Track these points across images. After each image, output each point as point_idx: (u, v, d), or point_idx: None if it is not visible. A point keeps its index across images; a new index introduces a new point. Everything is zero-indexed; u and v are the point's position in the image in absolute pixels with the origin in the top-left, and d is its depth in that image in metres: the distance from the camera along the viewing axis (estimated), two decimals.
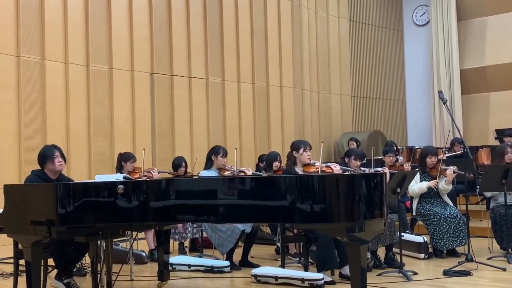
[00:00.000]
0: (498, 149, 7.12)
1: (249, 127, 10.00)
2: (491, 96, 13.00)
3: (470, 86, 13.12)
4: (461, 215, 6.48)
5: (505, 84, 12.62)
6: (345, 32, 12.68)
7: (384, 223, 4.10)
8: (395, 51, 14.14)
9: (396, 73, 14.13)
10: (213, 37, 9.52)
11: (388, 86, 13.83)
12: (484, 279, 5.40)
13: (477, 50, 13.11)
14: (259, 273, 5.53)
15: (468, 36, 13.28)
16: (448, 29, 13.20)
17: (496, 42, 12.80)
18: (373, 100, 13.39)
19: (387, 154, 7.46)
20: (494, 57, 12.79)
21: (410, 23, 14.31)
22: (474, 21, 13.26)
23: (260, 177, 5.55)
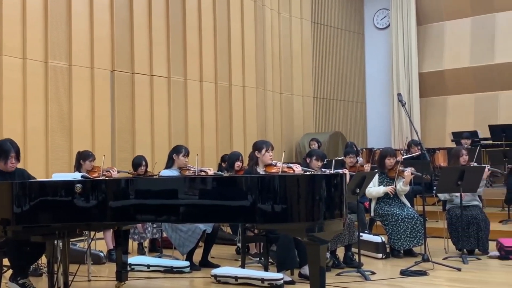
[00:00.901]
0: (453, 151, 7.30)
1: (211, 127, 9.96)
2: (448, 99, 13.31)
3: (428, 89, 13.40)
4: (418, 215, 6.61)
5: (462, 88, 12.94)
6: (307, 34, 12.78)
7: (343, 223, 4.14)
8: (356, 54, 14.33)
9: (357, 75, 14.32)
10: (175, 36, 9.45)
11: (349, 88, 14.00)
12: (439, 279, 5.52)
13: (435, 54, 13.40)
14: (219, 273, 5.52)
15: (427, 40, 13.56)
16: (407, 33, 13.45)
17: (454, 46, 13.11)
18: (334, 101, 13.53)
19: (348, 155, 7.55)
20: (451, 61, 13.10)
21: (371, 26, 14.52)
22: (433, 26, 13.55)
23: (221, 177, 5.53)
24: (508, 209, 8.50)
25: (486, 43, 12.65)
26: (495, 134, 10.47)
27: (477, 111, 12.76)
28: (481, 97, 12.73)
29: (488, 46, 12.62)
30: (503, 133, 10.07)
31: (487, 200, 8.75)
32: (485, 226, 6.58)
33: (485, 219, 6.64)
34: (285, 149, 11.63)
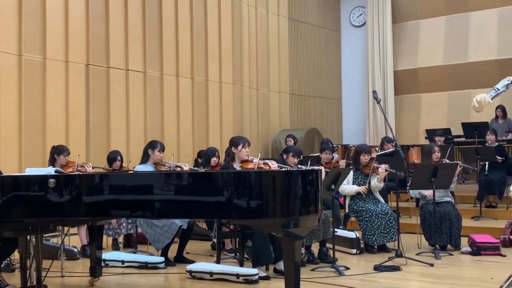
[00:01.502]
0: (426, 148, 7.41)
1: (188, 122, 9.92)
2: (422, 97, 13.46)
3: (403, 87, 13.54)
4: (392, 211, 6.70)
5: (436, 86, 13.10)
6: (284, 30, 12.80)
7: (318, 219, 4.18)
8: (332, 51, 14.40)
9: (333, 72, 14.40)
10: (151, 30, 9.38)
11: (325, 85, 14.07)
12: (412, 274, 5.60)
13: (410, 52, 13.53)
14: (194, 269, 5.52)
15: (402, 38, 13.69)
16: (383, 31, 13.56)
17: (428, 45, 13.26)
18: (311, 98, 13.59)
19: (324, 151, 7.60)
20: (425, 59, 13.25)
21: (347, 24, 14.60)
22: (408, 24, 13.68)
23: (197, 173, 5.53)
24: (480, 205, 8.65)
25: (460, 42, 12.82)
26: (468, 131, 10.62)
27: (451, 109, 12.93)
28: (455, 95, 12.91)
29: (461, 44, 12.79)
30: (475, 131, 10.21)
31: (459, 197, 8.90)
32: (457, 222, 6.70)
33: (458, 215, 6.76)
34: (261, 145, 11.64)
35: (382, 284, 5.15)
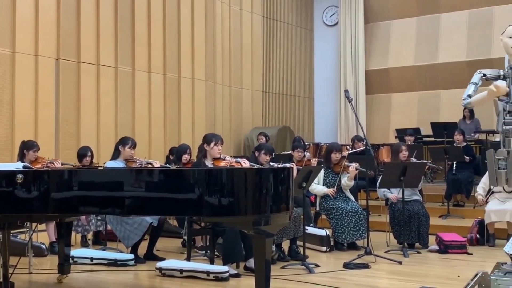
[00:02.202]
0: (394, 147, 7.52)
1: (159, 119, 9.86)
2: (393, 97, 13.62)
3: (374, 87, 13.68)
4: (362, 210, 6.77)
5: (406, 86, 13.27)
6: (258, 28, 12.81)
7: (289, 216, 4.20)
8: (305, 50, 14.46)
9: (306, 71, 14.46)
10: (123, 25, 9.29)
11: (298, 83, 14.13)
12: (381, 271, 5.67)
13: (381, 52, 13.68)
14: (164, 266, 5.49)
15: (374, 38, 13.83)
16: (355, 30, 13.67)
17: (399, 45, 13.42)
18: (283, 96, 13.63)
19: (296, 149, 7.63)
20: (396, 59, 13.40)
21: (320, 23, 14.68)
22: (380, 24, 13.82)
23: (168, 170, 5.50)
24: (448, 204, 8.80)
25: (431, 43, 13.00)
26: (437, 131, 10.80)
27: (420, 109, 13.11)
28: (425, 95, 13.10)
29: (432, 45, 12.98)
30: (444, 131, 10.39)
31: (427, 196, 9.03)
32: (425, 221, 6.81)
33: (426, 214, 6.86)
34: (234, 143, 11.63)
35: (351, 281, 5.20)
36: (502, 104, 4.08)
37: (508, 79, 4.08)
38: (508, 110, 4.03)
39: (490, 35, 11.98)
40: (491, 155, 4.00)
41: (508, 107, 4.04)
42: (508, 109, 4.04)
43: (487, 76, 4.17)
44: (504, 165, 3.93)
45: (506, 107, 4.05)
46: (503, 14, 12.02)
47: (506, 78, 4.10)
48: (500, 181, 3.99)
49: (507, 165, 3.92)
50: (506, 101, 4.06)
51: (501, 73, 4.13)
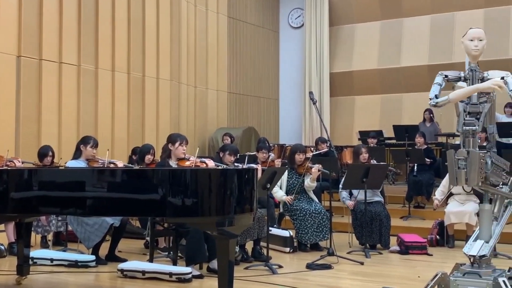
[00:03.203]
0: (354, 149, 7.62)
1: (123, 118, 9.74)
2: (356, 99, 13.78)
3: (338, 89, 13.82)
4: (325, 211, 6.83)
5: (369, 89, 13.44)
6: (223, 28, 12.79)
7: (253, 217, 4.21)
8: (271, 51, 14.51)
9: (271, 72, 14.51)
10: (87, 23, 9.14)
11: (263, 84, 14.16)
12: (343, 272, 5.73)
13: (345, 55, 13.83)
14: (126, 267, 5.43)
15: (339, 41, 13.97)
16: (320, 33, 13.77)
17: (363, 48, 13.59)
18: (248, 97, 13.64)
19: (261, 150, 7.63)
20: (360, 62, 13.56)
21: (286, 25, 14.75)
22: (344, 27, 13.97)
23: (131, 170, 5.44)
24: (409, 205, 8.95)
25: (393, 47, 13.21)
26: (399, 134, 10.97)
27: (383, 111, 13.31)
28: (387, 98, 13.29)
29: (395, 49, 13.18)
30: (406, 133, 10.56)
31: (389, 197, 9.16)
32: (387, 222, 6.91)
33: (387, 215, 6.97)
34: (198, 143, 11.57)
35: (313, 282, 5.23)
36: (463, 105, 4.17)
37: (468, 81, 4.18)
38: (468, 111, 4.13)
39: (451, 40, 12.24)
40: (451, 155, 4.08)
41: (468, 108, 4.13)
42: (468, 110, 4.13)
43: (448, 78, 4.26)
44: (464, 165, 4.02)
45: (466, 108, 4.14)
46: (464, 19, 12.30)
47: (467, 79, 4.19)
48: (460, 180, 4.07)
49: (466, 165, 4.01)
50: (466, 103, 4.15)
51: (461, 74, 4.22)
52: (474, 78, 4.16)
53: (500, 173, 4.18)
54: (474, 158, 3.98)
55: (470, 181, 4.03)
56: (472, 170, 3.97)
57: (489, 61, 10.03)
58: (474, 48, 4.13)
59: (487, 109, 4.13)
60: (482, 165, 4.01)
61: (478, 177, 3.98)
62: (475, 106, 4.12)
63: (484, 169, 4.03)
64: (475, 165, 3.96)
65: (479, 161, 3.97)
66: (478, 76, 4.16)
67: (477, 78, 4.16)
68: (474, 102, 4.12)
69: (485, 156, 4.04)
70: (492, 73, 4.19)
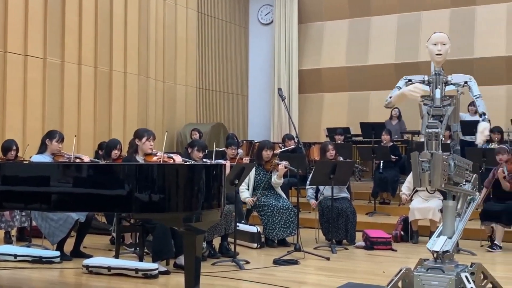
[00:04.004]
0: (321, 146, 7.69)
1: (89, 113, 9.61)
2: (324, 97, 13.88)
3: (307, 86, 13.89)
4: (293, 207, 6.87)
5: (337, 86, 13.55)
6: (192, 23, 12.71)
7: (221, 213, 4.21)
8: (240, 47, 14.50)
9: (240, 69, 14.50)
10: (53, 14, 8.98)
11: (232, 81, 14.15)
12: (309, 267, 5.78)
13: (314, 52, 13.90)
14: (91, 263, 5.38)
15: (308, 39, 14.04)
16: (289, 30, 13.82)
17: (331, 46, 13.68)
18: (217, 93, 13.61)
19: (230, 146, 7.64)
20: (329, 60, 13.66)
21: (255, 21, 14.75)
22: (313, 25, 14.04)
23: (98, 165, 5.38)
24: (374, 202, 9.07)
25: (361, 45, 13.34)
26: (366, 131, 11.10)
27: (350, 109, 13.44)
28: (354, 96, 13.42)
29: (362, 48, 13.31)
30: (372, 131, 10.69)
31: (355, 193, 9.26)
32: (353, 218, 6.99)
33: (353, 211, 7.05)
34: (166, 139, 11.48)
35: (280, 277, 5.27)
36: (426, 108, 4.25)
37: (432, 84, 4.26)
38: (431, 114, 4.21)
39: (418, 39, 12.43)
40: (415, 157, 4.15)
41: (432, 111, 4.21)
42: (431, 113, 4.21)
43: (412, 81, 4.34)
44: (427, 167, 4.10)
45: (429, 111, 4.22)
46: (431, 18, 12.51)
47: (430, 83, 4.27)
48: (423, 182, 4.15)
49: (430, 167, 4.08)
50: (430, 105, 4.23)
51: (425, 78, 4.30)
52: (438, 82, 4.24)
53: (463, 173, 4.27)
54: (437, 160, 4.06)
55: (433, 183, 4.12)
56: (436, 172, 4.06)
57: (455, 60, 10.27)
58: (437, 52, 4.21)
59: (450, 112, 4.22)
60: (445, 167, 4.09)
61: (441, 179, 4.07)
62: (438, 109, 4.20)
63: (448, 171, 4.12)
64: (438, 167, 4.05)
65: (442, 164, 4.05)
66: (442, 80, 4.24)
67: (441, 82, 4.24)
68: (438, 105, 4.20)
69: (448, 159, 4.13)
70: (456, 76, 4.29)
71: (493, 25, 11.96)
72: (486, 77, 10.94)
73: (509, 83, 11.82)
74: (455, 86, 4.26)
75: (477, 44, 12.04)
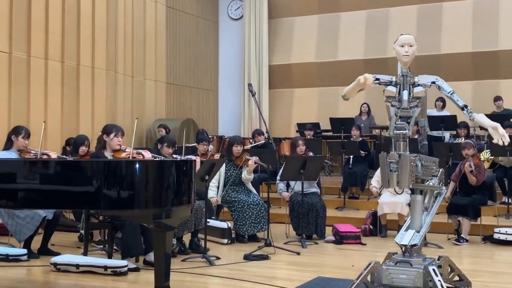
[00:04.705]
0: (292, 141, 7.73)
1: (56, 108, 9.45)
2: (295, 92, 13.93)
3: (277, 81, 13.92)
4: (263, 202, 6.88)
5: (307, 82, 13.60)
6: (162, 18, 12.59)
7: (191, 209, 4.19)
8: (210, 42, 14.42)
9: (211, 64, 14.43)
10: (19, 8, 8.79)
11: (202, 76, 14.07)
12: (280, 262, 5.81)
13: (284, 47, 13.92)
14: (59, 261, 5.31)
15: (278, 34, 14.05)
16: (259, 25, 13.81)
17: (301, 41, 13.72)
18: (187, 88, 13.53)
19: (202, 142, 7.58)
20: (299, 55, 13.69)
21: (225, 16, 14.69)
22: (283, 20, 14.06)
23: (65, 161, 5.30)
24: (344, 196, 9.16)
25: (331, 41, 13.40)
26: (335, 126, 11.18)
27: (320, 104, 13.50)
28: (324, 91, 13.48)
29: (332, 43, 13.38)
30: (342, 126, 10.77)
31: (325, 188, 9.34)
32: (323, 213, 7.05)
33: (323, 206, 7.11)
34: (136, 135, 11.38)
35: (250, 272, 5.28)
36: (394, 109, 4.30)
37: (399, 86, 4.31)
38: (399, 115, 4.26)
39: (386, 35, 12.53)
40: (383, 158, 4.20)
41: (400, 113, 4.26)
42: (399, 114, 4.26)
43: (380, 81, 4.38)
44: (395, 168, 4.15)
45: (397, 112, 4.27)
46: (399, 15, 12.65)
47: (397, 84, 4.32)
48: (391, 183, 4.21)
49: (398, 168, 4.14)
50: (397, 107, 4.28)
51: (393, 79, 4.35)
52: (405, 83, 4.30)
53: (429, 171, 4.34)
54: (405, 161, 4.12)
55: (401, 184, 4.18)
56: (403, 173, 4.12)
57: (422, 56, 10.40)
58: (404, 54, 4.26)
59: (418, 113, 4.28)
60: (413, 168, 4.16)
61: (409, 179, 4.13)
62: (406, 111, 4.26)
63: (415, 172, 4.18)
64: (406, 168, 4.11)
65: (410, 165, 4.11)
66: (409, 81, 4.30)
67: (408, 83, 4.30)
68: (405, 107, 4.25)
69: (415, 159, 4.19)
70: (422, 77, 4.35)
71: (460, 22, 12.16)
72: (452, 73, 11.13)
73: (475, 79, 12.04)
74: (423, 87, 4.33)
75: (444, 41, 12.23)
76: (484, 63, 11.84)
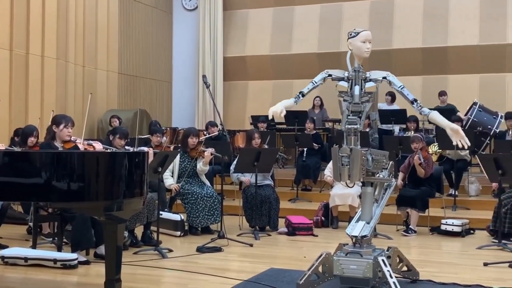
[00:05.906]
0: (247, 133, 7.75)
1: (4, 98, 9.16)
2: (249, 84, 13.94)
3: (232, 74, 13.89)
4: (217, 194, 6.88)
5: (262, 74, 13.64)
6: (114, 7, 12.36)
7: (143, 202, 4.15)
8: (164, 33, 14.25)
9: (164, 55, 14.27)
10: None
11: (156, 67, 13.91)
12: (233, 254, 5.83)
13: (239, 40, 13.90)
14: (7, 254, 5.19)
15: (232, 26, 14.01)
16: (214, 16, 13.72)
17: (256, 34, 13.72)
18: (140, 79, 13.34)
19: (155, 133, 7.51)
20: (253, 48, 13.70)
21: (180, 7, 14.53)
22: (238, 12, 14.02)
23: (13, 152, 5.15)
24: (297, 188, 9.25)
25: (285, 34, 13.45)
26: (289, 119, 11.21)
27: (274, 97, 13.50)
28: (278, 84, 13.54)
29: (286, 36, 13.44)
30: (295, 119, 10.83)
31: (278, 180, 9.41)
32: (276, 205, 7.11)
33: (277, 198, 7.17)
34: (87, 126, 11.17)
35: (203, 265, 5.28)
36: (346, 104, 4.36)
37: (352, 81, 4.38)
38: (351, 110, 4.33)
39: (339, 29, 12.67)
40: (335, 152, 4.27)
41: (351, 107, 4.33)
42: (351, 109, 4.33)
43: (332, 77, 4.44)
44: (347, 162, 4.23)
45: (349, 107, 4.35)
46: (352, 9, 12.81)
47: (350, 79, 4.39)
48: (343, 176, 4.29)
49: (349, 162, 4.22)
50: (349, 102, 4.35)
51: (345, 74, 4.41)
52: (357, 78, 4.37)
53: (380, 165, 4.44)
54: (356, 156, 4.20)
55: (352, 177, 4.27)
56: (355, 167, 4.21)
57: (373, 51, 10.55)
58: (366, 50, 4.33)
59: (369, 108, 4.36)
60: (364, 162, 4.24)
61: (360, 173, 4.22)
62: (357, 106, 4.33)
63: (366, 166, 4.27)
64: (357, 162, 4.19)
65: (361, 159, 4.20)
66: (361, 77, 4.37)
67: (360, 78, 4.37)
68: (357, 102, 4.33)
69: (366, 154, 4.28)
70: (374, 73, 4.43)
71: (411, 18, 12.41)
72: (403, 67, 11.37)
73: (425, 74, 12.33)
74: (374, 82, 4.41)
75: (395, 36, 12.46)
76: (433, 58, 12.14)
